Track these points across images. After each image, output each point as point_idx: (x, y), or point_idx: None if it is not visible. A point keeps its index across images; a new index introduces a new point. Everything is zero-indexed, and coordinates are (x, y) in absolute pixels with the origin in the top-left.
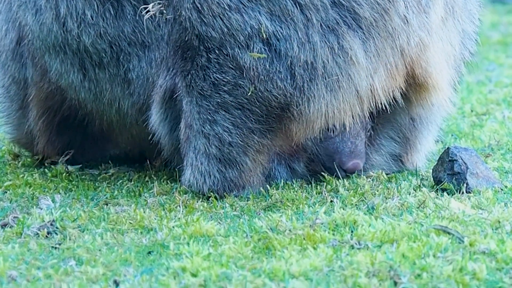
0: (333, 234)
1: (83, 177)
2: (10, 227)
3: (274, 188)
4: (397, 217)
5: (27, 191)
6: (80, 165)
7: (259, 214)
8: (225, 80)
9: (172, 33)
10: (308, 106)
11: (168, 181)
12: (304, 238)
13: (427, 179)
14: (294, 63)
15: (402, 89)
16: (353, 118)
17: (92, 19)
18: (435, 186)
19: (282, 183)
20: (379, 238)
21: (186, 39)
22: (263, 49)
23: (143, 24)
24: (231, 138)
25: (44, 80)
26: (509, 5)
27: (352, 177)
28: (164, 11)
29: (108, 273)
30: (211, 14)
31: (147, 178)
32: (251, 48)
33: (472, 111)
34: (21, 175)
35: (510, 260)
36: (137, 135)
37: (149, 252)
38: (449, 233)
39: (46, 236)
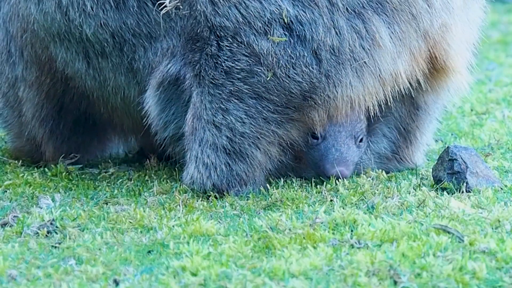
0: (333, 233)
1: (83, 176)
2: (10, 226)
3: (274, 187)
4: (397, 216)
5: (27, 190)
6: (81, 165)
7: (259, 213)
8: (238, 67)
9: (186, 26)
10: (336, 91)
11: (168, 180)
12: (304, 237)
13: (427, 178)
14: (321, 47)
15: (424, 72)
16: (377, 103)
17: (92, 10)
18: (435, 185)
19: (282, 182)
20: (379, 237)
21: (198, 31)
22: (283, 34)
23: (149, 17)
24: (244, 128)
25: (46, 73)
26: (509, 4)
27: (352, 177)
28: (181, 7)
29: (108, 272)
30: (226, 5)
31: (147, 178)
32: (271, 33)
33: (472, 110)
34: (21, 174)
35: (510, 259)
36: (139, 123)
37: (149, 251)
38: (449, 232)
39: (46, 235)
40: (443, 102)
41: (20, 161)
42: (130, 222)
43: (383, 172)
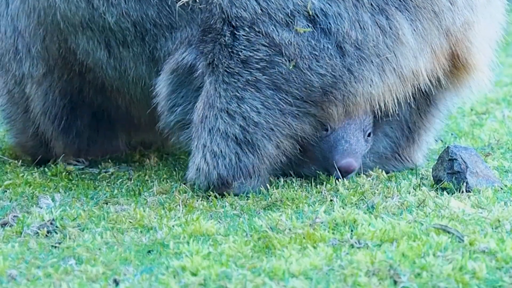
0: (333, 233)
1: (83, 176)
2: (10, 226)
3: (274, 187)
4: (397, 216)
5: (27, 190)
6: (81, 165)
7: (259, 213)
8: (257, 57)
9: (201, 18)
10: (357, 87)
11: (168, 180)
12: (304, 237)
13: (427, 178)
14: (345, 41)
15: (444, 70)
16: (396, 99)
17: (115, 0)
18: (435, 185)
19: (282, 182)
20: (379, 237)
21: (211, 22)
22: (307, 26)
23: (170, 9)
24: (259, 118)
25: (61, 68)
26: (509, 4)
27: (352, 177)
28: (197, 0)
29: (108, 272)
30: None
31: (147, 177)
32: (294, 25)
33: (472, 110)
34: (21, 174)
35: (510, 259)
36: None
37: (149, 251)
38: (449, 232)
39: (46, 235)
40: (461, 100)
41: (20, 161)
42: (130, 222)
43: (383, 172)
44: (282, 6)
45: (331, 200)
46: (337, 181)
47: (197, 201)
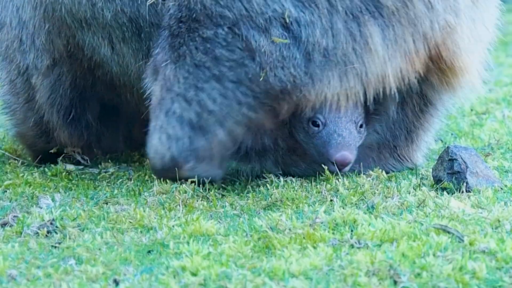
0: (333, 233)
1: (83, 176)
2: (10, 226)
3: (274, 187)
4: (397, 216)
5: (27, 190)
6: (80, 165)
7: (259, 213)
8: (230, 57)
9: (175, 14)
10: (313, 89)
11: (168, 180)
12: (304, 237)
13: (427, 178)
14: (314, 49)
15: (421, 74)
16: (354, 103)
17: None
18: (435, 185)
19: (282, 182)
20: (379, 237)
21: (194, 16)
22: (282, 35)
23: (156, 7)
24: (214, 106)
25: (71, 63)
26: (509, 4)
27: (352, 176)
28: None
29: (108, 272)
30: None
31: (146, 177)
32: (270, 32)
33: (472, 110)
34: (21, 174)
35: (510, 259)
36: None
37: (149, 251)
38: (449, 232)
39: (46, 235)
40: (459, 100)
41: (20, 161)
42: (130, 222)
43: (383, 172)
44: (262, 10)
45: (331, 200)
46: (337, 181)
47: (197, 201)
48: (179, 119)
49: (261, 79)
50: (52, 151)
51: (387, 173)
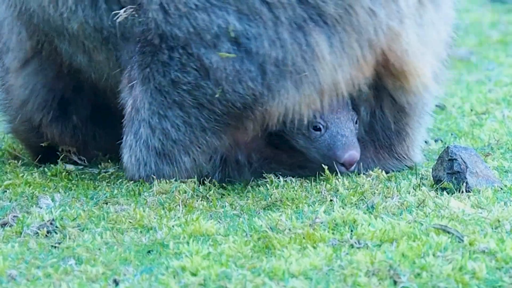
0: (333, 233)
1: (83, 176)
2: (9, 226)
3: (274, 187)
4: (396, 216)
5: (27, 190)
6: (80, 165)
7: (259, 213)
8: (186, 80)
9: (140, 32)
10: (274, 103)
11: (167, 180)
12: (303, 237)
13: (426, 178)
14: (266, 61)
15: (374, 79)
16: (312, 111)
17: (74, 7)
18: (434, 185)
19: (282, 182)
20: (379, 237)
21: (149, 37)
22: (231, 49)
23: (124, 21)
24: (177, 135)
25: (54, 64)
26: (509, 4)
27: (352, 176)
28: (136, 15)
29: (107, 272)
30: (177, 14)
31: None
32: (219, 48)
33: (471, 110)
34: (21, 174)
35: (510, 259)
36: None
37: (149, 251)
38: (448, 232)
39: (46, 235)
40: (426, 101)
41: (20, 161)
42: (130, 222)
43: (383, 172)
44: (207, 27)
45: (331, 200)
46: (337, 181)
47: (197, 201)
48: (145, 144)
49: (217, 95)
50: (43, 144)
51: (387, 173)
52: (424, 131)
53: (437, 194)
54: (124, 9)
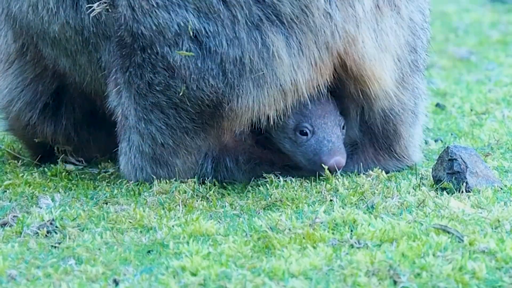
0: (333, 233)
1: (83, 176)
2: (9, 226)
3: (274, 187)
4: (396, 216)
5: (27, 190)
6: (80, 165)
7: (259, 213)
8: (157, 80)
9: (116, 30)
10: (237, 102)
11: (167, 180)
12: (303, 237)
13: (426, 178)
14: (224, 60)
15: (336, 82)
16: (277, 112)
17: (55, 8)
18: (434, 185)
19: (281, 182)
20: (379, 237)
21: (122, 35)
22: (192, 47)
23: (99, 16)
24: (163, 139)
25: (39, 66)
26: (509, 4)
27: (352, 176)
28: (109, 10)
29: (107, 272)
30: (141, 11)
31: None
32: (180, 46)
33: (471, 110)
34: (21, 174)
35: (510, 259)
36: None
37: (149, 251)
38: (448, 232)
39: (46, 235)
40: (408, 102)
41: (20, 161)
42: (130, 222)
43: (383, 172)
44: (168, 25)
45: (331, 200)
46: (337, 181)
47: (197, 201)
48: (138, 150)
49: (181, 93)
50: (36, 140)
51: (387, 173)
52: (420, 130)
53: (437, 194)
54: (97, 3)
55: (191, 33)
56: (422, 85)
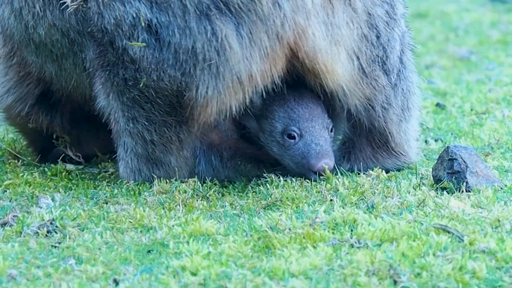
0: (333, 233)
1: (83, 176)
2: (10, 226)
3: (274, 187)
4: (396, 216)
5: (27, 190)
6: (80, 165)
7: (259, 213)
8: (128, 74)
9: (92, 26)
10: (197, 91)
11: (167, 180)
12: (304, 237)
13: (426, 178)
14: (178, 50)
15: (292, 76)
16: (238, 102)
17: (41, 12)
18: (434, 185)
19: (281, 182)
20: (379, 237)
21: (94, 30)
22: (148, 39)
23: (85, 14)
24: (150, 136)
25: (26, 72)
26: (509, 4)
27: (352, 176)
28: (85, 6)
29: (107, 272)
30: (103, 5)
31: None
32: (137, 38)
33: (471, 110)
34: (21, 174)
35: (510, 259)
36: None
37: (149, 251)
38: (449, 232)
39: (46, 235)
40: (395, 96)
41: (20, 160)
42: (130, 222)
43: (383, 171)
44: (123, 17)
45: (331, 200)
46: (337, 180)
47: (197, 201)
48: (133, 152)
49: (141, 84)
50: (29, 125)
51: (387, 172)
52: (414, 125)
53: (437, 193)
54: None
55: (143, 24)
56: (409, 81)
